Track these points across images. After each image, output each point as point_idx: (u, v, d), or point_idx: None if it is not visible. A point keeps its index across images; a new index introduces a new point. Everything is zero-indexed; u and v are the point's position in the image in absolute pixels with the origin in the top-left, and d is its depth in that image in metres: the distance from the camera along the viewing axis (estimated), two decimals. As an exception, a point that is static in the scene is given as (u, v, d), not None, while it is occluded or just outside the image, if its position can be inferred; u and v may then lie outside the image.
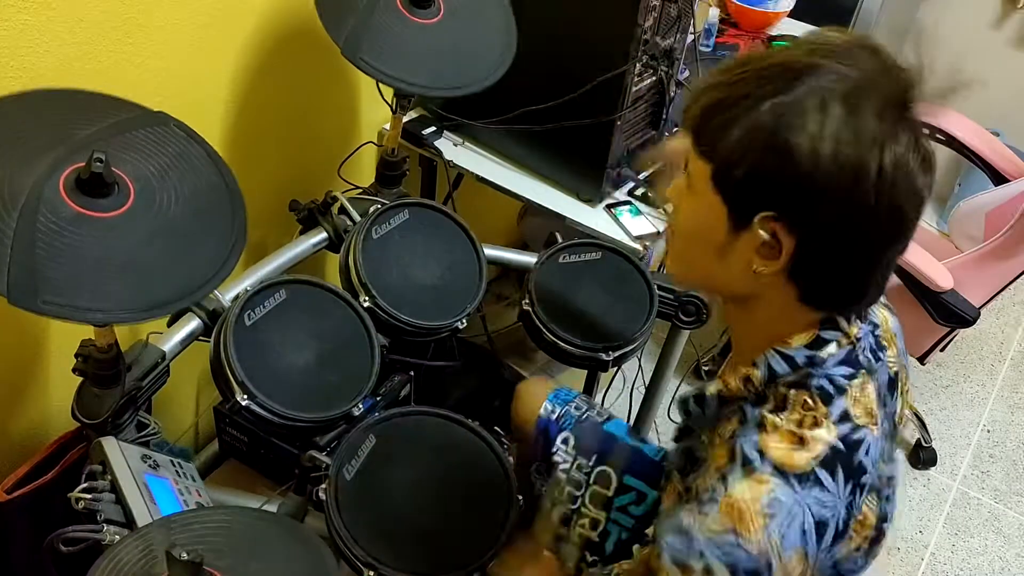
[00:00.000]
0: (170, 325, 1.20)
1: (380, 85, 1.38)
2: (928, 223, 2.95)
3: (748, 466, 0.73)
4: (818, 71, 0.69)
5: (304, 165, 1.65)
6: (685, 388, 1.87)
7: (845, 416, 0.76)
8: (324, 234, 1.41)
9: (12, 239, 0.83)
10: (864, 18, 2.42)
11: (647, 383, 1.73)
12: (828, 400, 0.76)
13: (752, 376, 0.79)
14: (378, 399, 1.36)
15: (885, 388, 0.83)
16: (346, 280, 1.29)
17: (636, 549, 1.06)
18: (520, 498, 1.11)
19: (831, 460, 0.73)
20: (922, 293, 1.79)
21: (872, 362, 0.81)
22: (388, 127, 1.51)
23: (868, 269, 0.74)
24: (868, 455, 0.76)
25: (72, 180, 0.88)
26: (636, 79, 1.45)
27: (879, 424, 0.78)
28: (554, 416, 1.17)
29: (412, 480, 1.12)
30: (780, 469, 0.72)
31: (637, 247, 1.49)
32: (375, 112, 1.73)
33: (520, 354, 2.19)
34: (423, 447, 1.17)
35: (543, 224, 1.72)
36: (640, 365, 1.76)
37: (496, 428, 1.22)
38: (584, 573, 1.10)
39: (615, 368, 1.42)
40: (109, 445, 1.03)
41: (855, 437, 0.75)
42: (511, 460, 1.17)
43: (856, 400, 0.77)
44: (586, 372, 1.62)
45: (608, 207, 1.59)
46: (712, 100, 0.73)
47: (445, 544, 1.05)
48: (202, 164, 1.01)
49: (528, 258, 1.48)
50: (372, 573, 1.01)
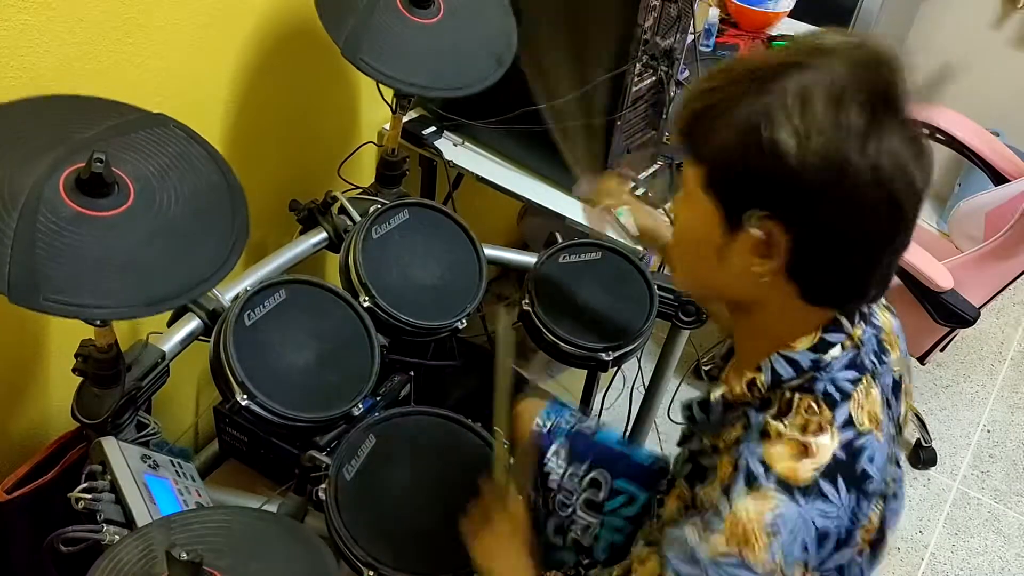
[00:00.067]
0: (170, 325, 1.20)
1: (380, 85, 1.38)
2: (928, 223, 2.94)
3: (753, 481, 0.73)
4: (802, 69, 0.69)
5: (304, 165, 1.65)
6: (687, 391, 1.87)
7: (849, 422, 0.75)
8: (324, 234, 1.41)
9: (12, 239, 0.83)
10: (864, 18, 2.42)
11: (647, 383, 1.73)
12: (833, 405, 0.76)
13: (757, 380, 0.79)
14: (378, 399, 1.36)
15: (889, 391, 0.83)
16: (346, 280, 1.29)
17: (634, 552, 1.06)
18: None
19: (833, 470, 0.73)
20: (922, 293, 1.79)
21: (876, 365, 0.81)
22: (388, 127, 1.51)
23: (866, 264, 0.74)
24: (873, 462, 0.75)
25: (72, 180, 0.88)
26: (636, 79, 1.45)
27: (884, 429, 0.78)
28: (546, 429, 1.18)
29: (412, 480, 1.12)
30: (784, 483, 0.72)
31: (637, 247, 1.49)
32: (375, 112, 1.73)
33: (520, 354, 2.18)
34: (423, 447, 1.17)
35: (543, 224, 1.72)
36: (640, 365, 1.76)
37: (496, 428, 1.22)
38: None
39: (615, 368, 1.42)
40: (109, 445, 1.03)
41: (858, 444, 0.75)
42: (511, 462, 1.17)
43: (861, 405, 0.77)
44: (586, 372, 1.62)
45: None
46: (699, 104, 0.74)
47: (445, 544, 1.05)
48: (202, 164, 1.01)
49: (528, 258, 1.48)
50: (372, 573, 1.01)
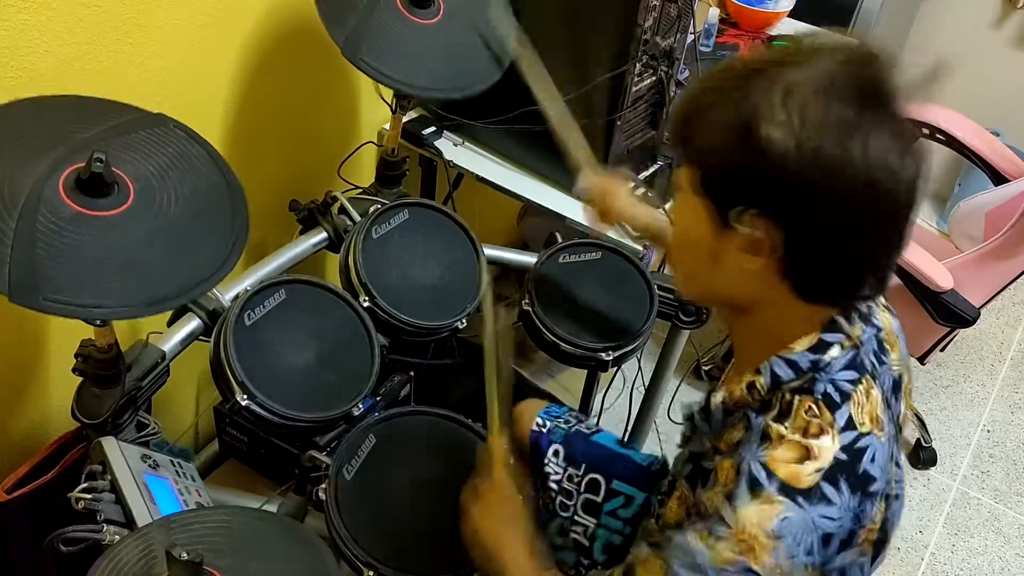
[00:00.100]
0: (170, 325, 1.20)
1: (380, 85, 1.38)
2: (928, 223, 2.94)
3: (756, 487, 0.73)
4: (785, 67, 0.70)
5: (304, 165, 1.65)
6: (687, 391, 1.87)
7: (850, 424, 0.75)
8: (324, 234, 1.41)
9: (12, 239, 0.83)
10: (864, 18, 2.42)
11: (647, 383, 1.73)
12: (833, 407, 0.76)
13: (756, 383, 0.79)
14: (378, 399, 1.36)
15: (890, 391, 0.83)
16: (346, 280, 1.29)
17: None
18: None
19: (836, 472, 0.73)
20: (922, 293, 1.79)
21: (876, 366, 0.81)
22: (388, 127, 1.51)
23: (858, 261, 0.74)
24: (875, 462, 0.75)
25: (72, 180, 0.88)
26: (636, 79, 1.45)
27: (884, 429, 0.78)
28: (544, 430, 1.19)
29: (412, 480, 1.12)
30: (787, 488, 0.72)
31: (637, 247, 1.49)
32: (375, 112, 1.73)
33: (520, 354, 2.18)
34: (423, 447, 1.17)
35: (543, 224, 1.72)
36: (640, 365, 1.76)
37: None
38: None
39: (615, 368, 1.42)
40: (109, 445, 1.03)
41: (860, 445, 0.75)
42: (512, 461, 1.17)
43: (861, 406, 0.77)
44: (586, 372, 1.62)
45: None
46: (687, 106, 0.76)
47: (445, 544, 1.05)
48: (202, 164, 1.01)
49: (528, 258, 1.48)
50: (372, 573, 1.01)
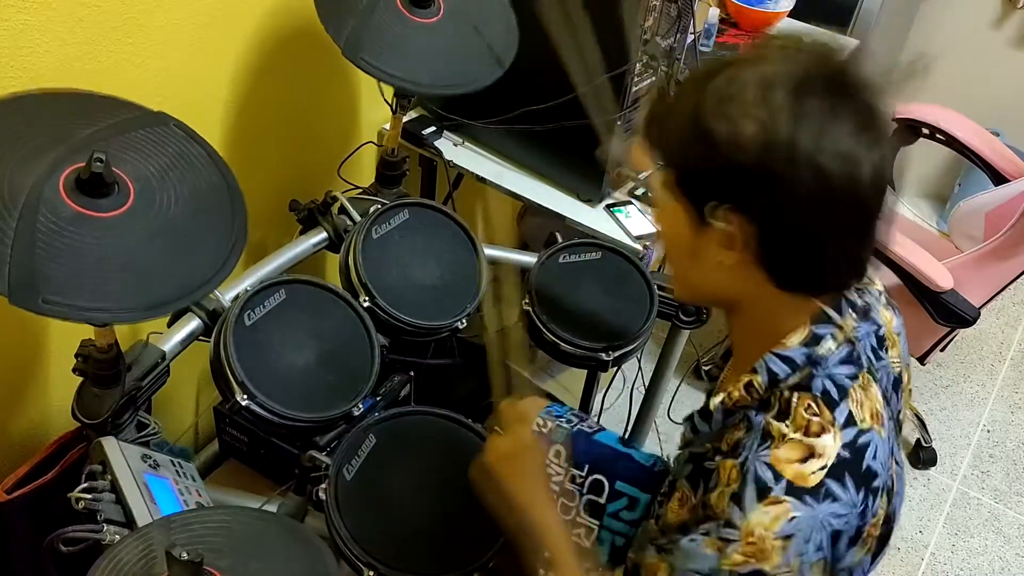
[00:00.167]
0: (170, 325, 1.20)
1: (381, 85, 1.38)
2: (928, 223, 2.94)
3: (763, 489, 0.73)
4: (740, 65, 0.71)
5: (304, 165, 1.65)
6: (687, 391, 1.87)
7: (850, 420, 0.76)
8: (324, 234, 1.41)
9: (12, 239, 0.83)
10: (864, 18, 2.42)
11: (647, 383, 1.73)
12: (832, 405, 0.76)
13: (754, 382, 0.79)
14: (378, 399, 1.36)
15: (890, 388, 0.83)
16: (346, 280, 1.29)
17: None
18: None
19: (840, 470, 0.73)
20: (922, 293, 1.79)
21: (873, 362, 0.81)
22: (388, 127, 1.51)
23: (831, 248, 0.73)
24: (876, 458, 0.76)
25: (72, 180, 0.88)
26: (636, 79, 1.45)
27: (884, 425, 0.78)
28: (545, 430, 1.18)
29: (412, 480, 1.12)
30: (794, 488, 0.72)
31: (637, 247, 1.49)
32: (375, 112, 1.73)
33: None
34: (423, 447, 1.17)
35: (543, 224, 1.72)
36: (640, 365, 1.76)
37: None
38: None
39: (615, 368, 1.42)
40: (109, 445, 1.03)
41: (861, 441, 0.75)
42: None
43: (860, 403, 0.77)
44: (586, 372, 1.62)
45: (608, 207, 1.59)
46: (655, 109, 0.79)
47: (445, 544, 1.05)
48: (202, 164, 1.01)
49: (528, 258, 1.48)
50: (372, 573, 1.01)
